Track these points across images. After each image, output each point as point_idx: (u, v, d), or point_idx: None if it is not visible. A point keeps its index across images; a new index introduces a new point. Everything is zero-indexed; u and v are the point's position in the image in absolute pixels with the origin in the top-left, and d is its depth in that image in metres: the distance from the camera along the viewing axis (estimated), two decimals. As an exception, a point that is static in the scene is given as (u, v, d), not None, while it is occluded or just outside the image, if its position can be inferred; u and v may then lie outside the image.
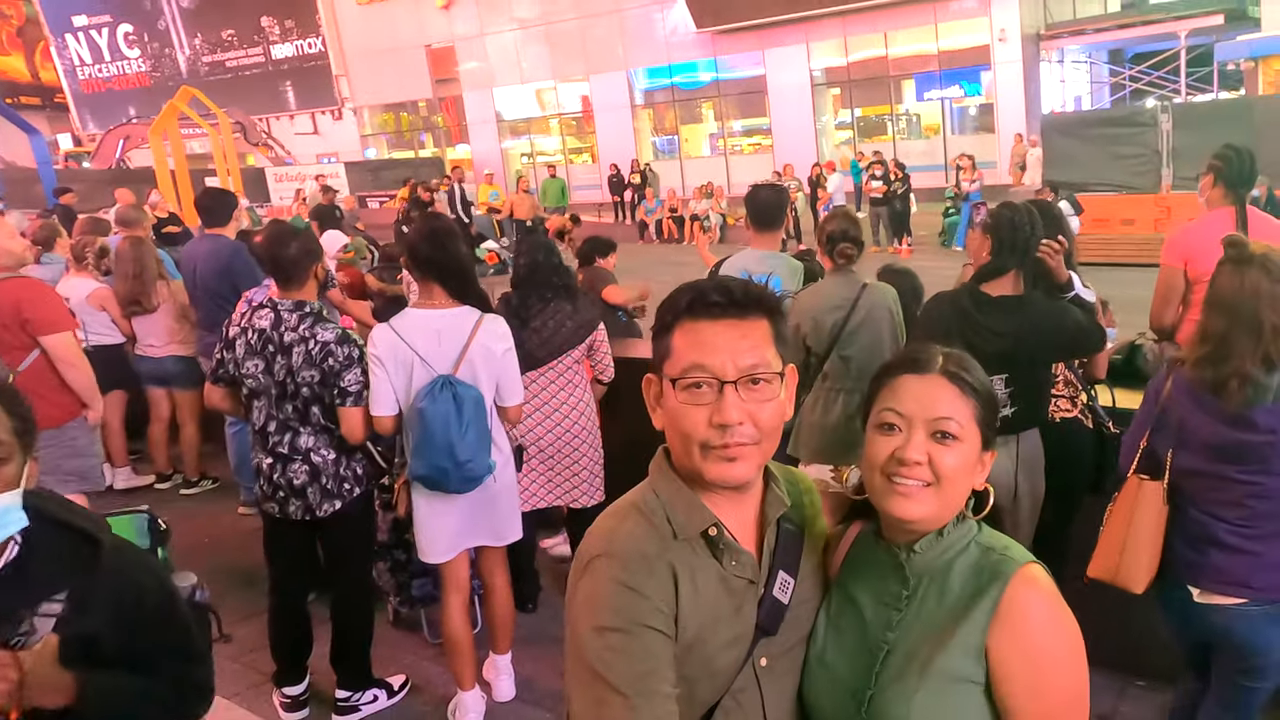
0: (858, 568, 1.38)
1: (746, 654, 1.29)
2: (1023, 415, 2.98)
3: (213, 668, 1.88)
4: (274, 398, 3.22)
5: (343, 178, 24.75)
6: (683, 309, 1.29)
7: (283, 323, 3.19)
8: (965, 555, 1.29)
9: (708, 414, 1.24)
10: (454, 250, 3.12)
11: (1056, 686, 1.22)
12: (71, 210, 12.90)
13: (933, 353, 1.33)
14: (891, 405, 1.29)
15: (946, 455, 1.26)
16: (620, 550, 1.25)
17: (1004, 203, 3.19)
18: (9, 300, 4.11)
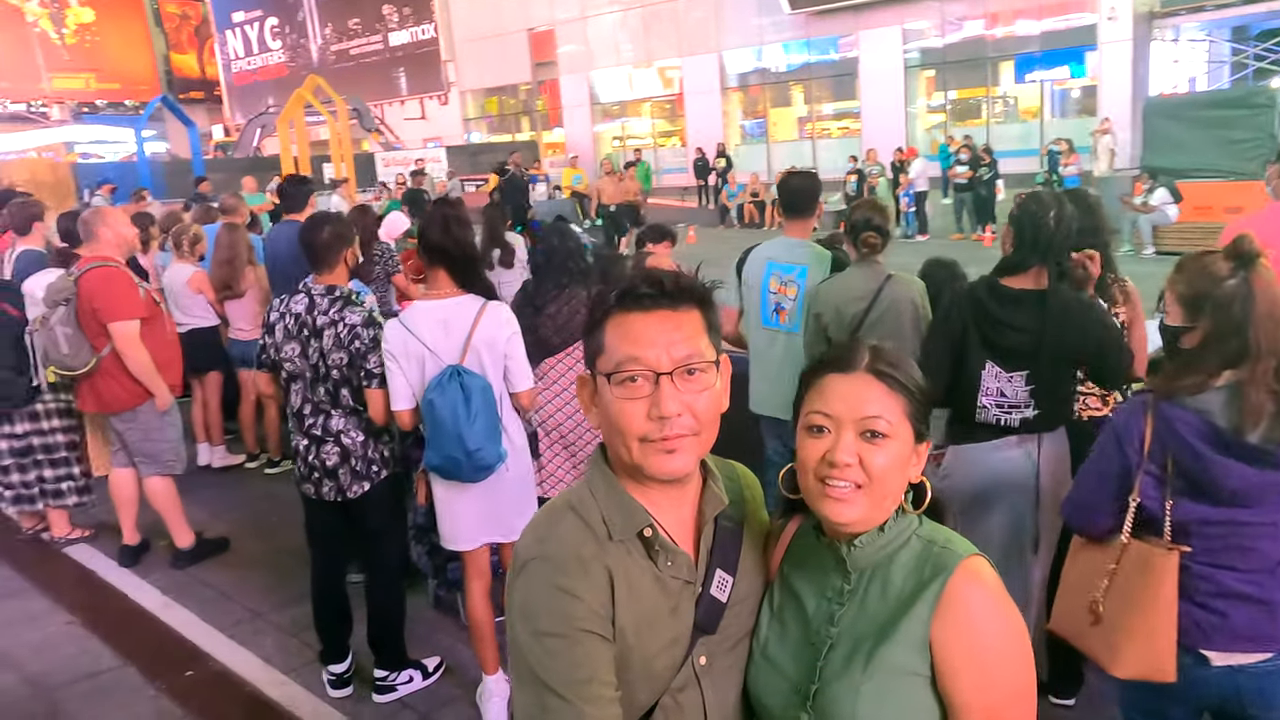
0: (800, 562, 1.37)
1: (685, 654, 1.29)
2: (1046, 416, 2.89)
3: None
4: (309, 381, 3.36)
5: (444, 162, 25.44)
6: (613, 303, 1.28)
7: (315, 307, 3.34)
8: (907, 549, 1.29)
9: (645, 407, 1.23)
10: (461, 237, 3.18)
11: (1001, 679, 1.22)
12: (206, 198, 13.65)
13: (858, 350, 1.30)
14: (819, 407, 1.27)
15: (877, 454, 1.24)
16: (555, 553, 1.25)
17: (1031, 193, 3.10)
18: (85, 289, 4.44)
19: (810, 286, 3.78)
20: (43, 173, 21.89)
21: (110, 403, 4.60)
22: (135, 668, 3.87)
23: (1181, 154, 13.59)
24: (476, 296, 3.22)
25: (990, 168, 15.75)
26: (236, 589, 4.51)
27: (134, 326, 4.51)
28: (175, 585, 4.60)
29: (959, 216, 16.25)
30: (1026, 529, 2.96)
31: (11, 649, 4.09)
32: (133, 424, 4.65)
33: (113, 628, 4.23)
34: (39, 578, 4.80)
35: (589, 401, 1.33)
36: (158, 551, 4.91)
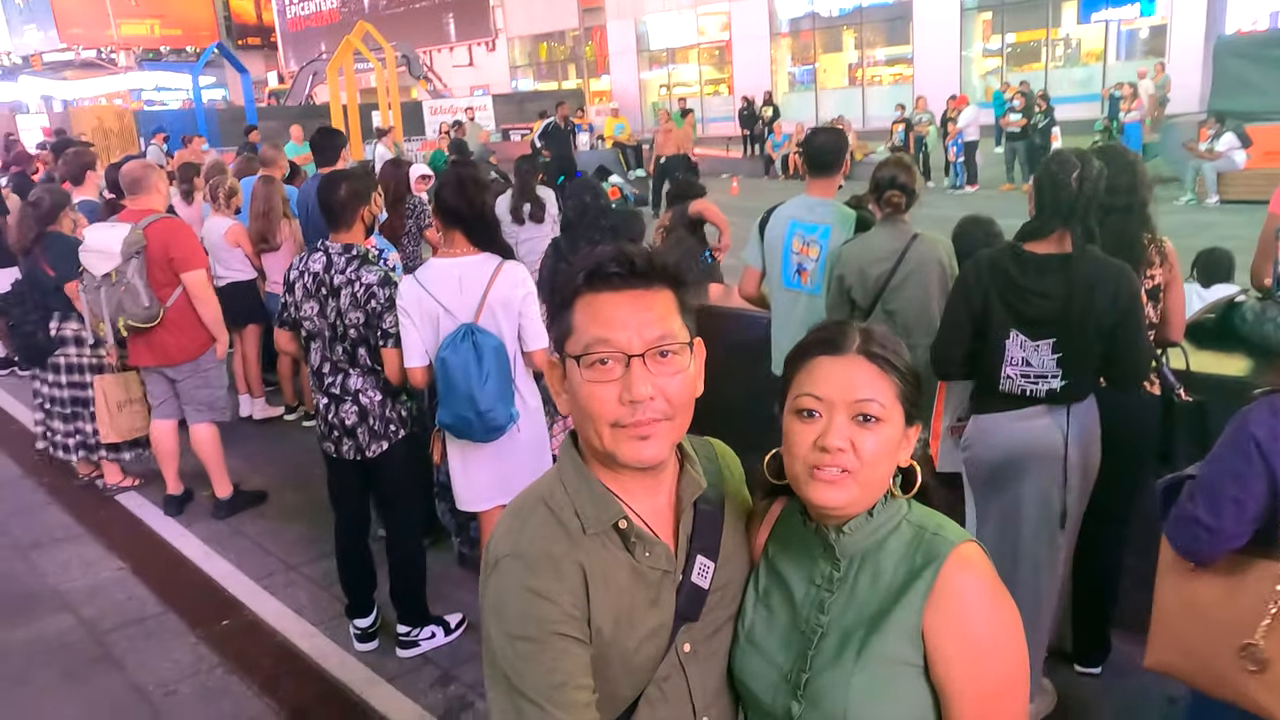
0: (786, 545, 1.35)
1: (668, 643, 1.27)
2: (1074, 386, 2.80)
3: None
4: (327, 340, 3.41)
5: (490, 110, 25.36)
6: (581, 282, 1.23)
7: (333, 266, 3.38)
8: (897, 535, 1.26)
9: (616, 391, 1.18)
10: (476, 199, 3.19)
11: (994, 667, 1.20)
12: (255, 148, 13.79)
13: (848, 331, 1.26)
14: (809, 390, 1.23)
15: (870, 438, 1.21)
16: (526, 550, 1.21)
17: (1054, 153, 2.99)
18: (158, 240, 4.55)
19: (833, 247, 3.72)
20: (109, 120, 22.20)
21: (173, 354, 4.72)
22: (177, 614, 4.04)
23: (1253, 96, 12.99)
24: (492, 255, 3.23)
25: (1046, 115, 15.23)
26: (272, 540, 4.66)
27: (204, 275, 4.69)
28: (215, 535, 4.76)
29: (1010, 166, 15.79)
30: (1054, 502, 2.89)
31: (69, 592, 4.29)
32: (193, 374, 4.80)
33: (158, 575, 4.40)
34: (93, 524, 5.01)
35: (558, 386, 1.28)
36: (200, 501, 5.08)
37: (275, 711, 3.34)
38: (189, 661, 3.69)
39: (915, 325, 3.46)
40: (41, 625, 4.02)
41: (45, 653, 3.82)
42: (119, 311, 4.56)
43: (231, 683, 3.52)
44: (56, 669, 3.71)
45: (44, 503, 5.32)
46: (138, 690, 3.52)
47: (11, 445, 6.23)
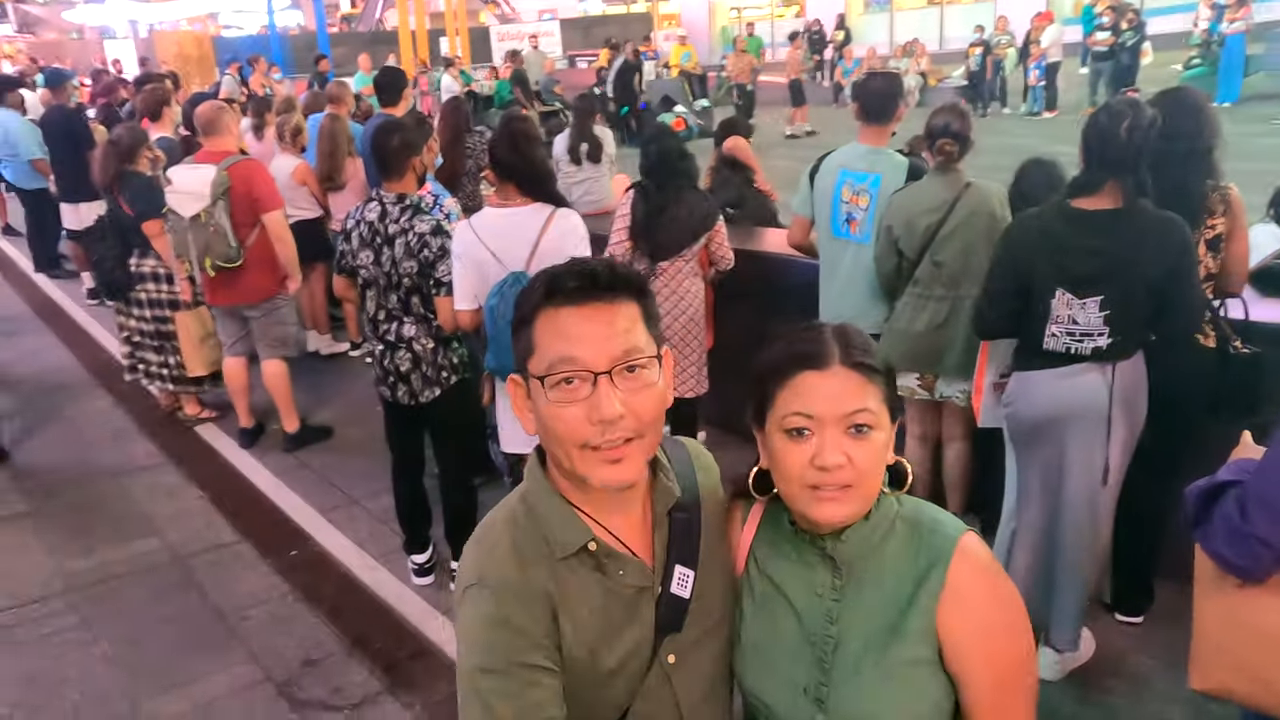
0: (777, 552, 1.33)
1: (650, 657, 1.24)
2: (1122, 344, 2.77)
3: None
4: (381, 288, 3.53)
5: (557, 36, 25.09)
6: (540, 298, 1.18)
7: (387, 215, 3.48)
8: (894, 535, 1.26)
9: (584, 411, 1.14)
10: (529, 153, 3.26)
11: (1007, 650, 1.24)
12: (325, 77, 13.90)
13: (826, 341, 1.22)
14: (798, 408, 1.20)
15: (864, 448, 1.19)
16: (492, 578, 1.19)
17: (1104, 104, 2.91)
18: (241, 181, 4.72)
19: (883, 196, 3.68)
20: (189, 46, 22.46)
21: (249, 293, 4.92)
22: (250, 544, 4.31)
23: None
24: (544, 205, 3.29)
25: (1136, 30, 14.34)
26: (336, 474, 4.89)
27: (282, 215, 4.87)
28: (284, 468, 5.02)
29: (1094, 89, 15.02)
30: (1096, 459, 2.89)
31: (154, 517, 4.59)
32: (267, 312, 5.01)
33: (233, 505, 4.67)
34: (174, 453, 5.31)
35: (522, 404, 1.24)
36: (271, 435, 5.33)
37: (339, 639, 3.56)
38: (261, 588, 3.95)
39: (963, 276, 3.44)
40: (131, 548, 4.32)
41: (135, 574, 4.12)
42: (206, 252, 4.74)
43: (299, 610, 3.77)
44: (146, 589, 4.00)
45: (132, 432, 5.65)
46: (216, 612, 3.80)
47: (102, 375, 6.58)
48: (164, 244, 5.10)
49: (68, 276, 8.78)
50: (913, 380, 3.64)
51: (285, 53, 22.27)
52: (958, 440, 3.72)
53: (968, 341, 3.39)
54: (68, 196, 7.90)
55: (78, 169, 7.64)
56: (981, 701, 1.23)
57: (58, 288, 8.56)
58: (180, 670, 3.44)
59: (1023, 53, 16.46)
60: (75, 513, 4.69)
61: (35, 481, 5.02)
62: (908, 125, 4.18)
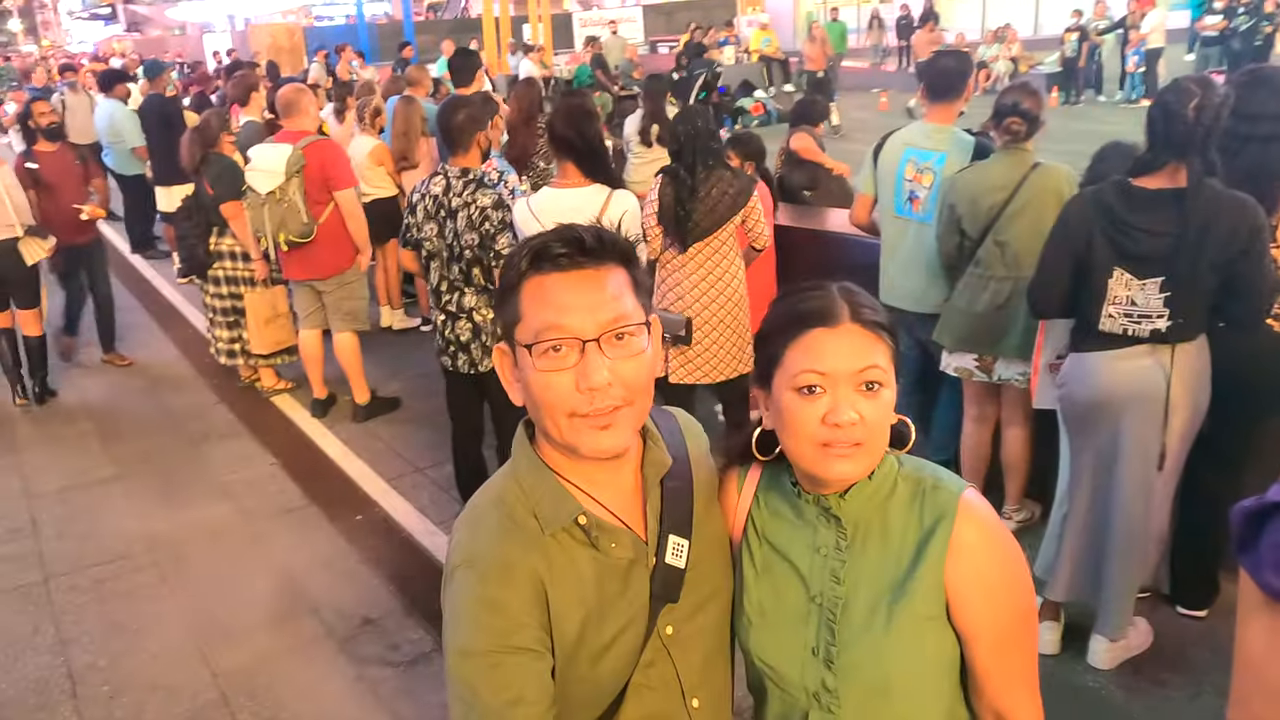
0: (777, 516, 1.33)
1: (646, 630, 1.22)
2: (1183, 326, 2.68)
3: None
4: (444, 260, 3.63)
5: (640, 22, 25.10)
6: (526, 266, 1.16)
7: (451, 189, 3.57)
8: (896, 493, 1.26)
9: (571, 379, 1.12)
10: (587, 130, 3.31)
11: (1010, 603, 1.24)
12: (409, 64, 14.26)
13: (835, 298, 1.21)
14: (809, 366, 1.18)
15: (874, 405, 1.19)
16: (480, 558, 1.18)
17: (1173, 82, 2.80)
18: (315, 160, 4.91)
19: (948, 175, 3.62)
20: (281, 38, 23.20)
21: (322, 268, 5.10)
22: (318, 508, 4.48)
23: None
24: (602, 186, 3.35)
25: (1251, 14, 13.55)
26: (403, 444, 5.04)
27: (354, 193, 5.04)
28: (353, 437, 5.19)
29: (1203, 76, 14.35)
30: (1151, 443, 2.81)
31: (231, 483, 4.80)
32: (339, 286, 5.19)
33: (304, 471, 4.86)
34: (251, 422, 5.54)
35: (509, 376, 1.22)
36: (342, 405, 5.51)
37: (397, 600, 3.69)
38: (327, 551, 4.10)
39: (1026, 257, 3.35)
40: (207, 510, 4.54)
41: (210, 534, 4.32)
42: (280, 227, 4.93)
43: (363, 572, 3.91)
44: (220, 549, 4.20)
45: (213, 402, 5.90)
46: (282, 571, 3.96)
47: (188, 348, 6.88)
48: (241, 224, 5.30)
49: (161, 257, 9.19)
50: (971, 361, 3.58)
51: (372, 41, 22.74)
52: (1016, 424, 3.64)
53: (1028, 323, 3.32)
54: (161, 180, 8.27)
55: (171, 154, 7.93)
56: (984, 656, 1.24)
57: (151, 268, 8.96)
58: (248, 624, 3.60)
59: (1122, 39, 15.85)
60: (159, 477, 4.93)
61: (125, 448, 5.28)
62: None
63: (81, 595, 3.89)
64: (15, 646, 3.58)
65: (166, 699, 3.24)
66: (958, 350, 3.60)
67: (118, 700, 3.26)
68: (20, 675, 3.42)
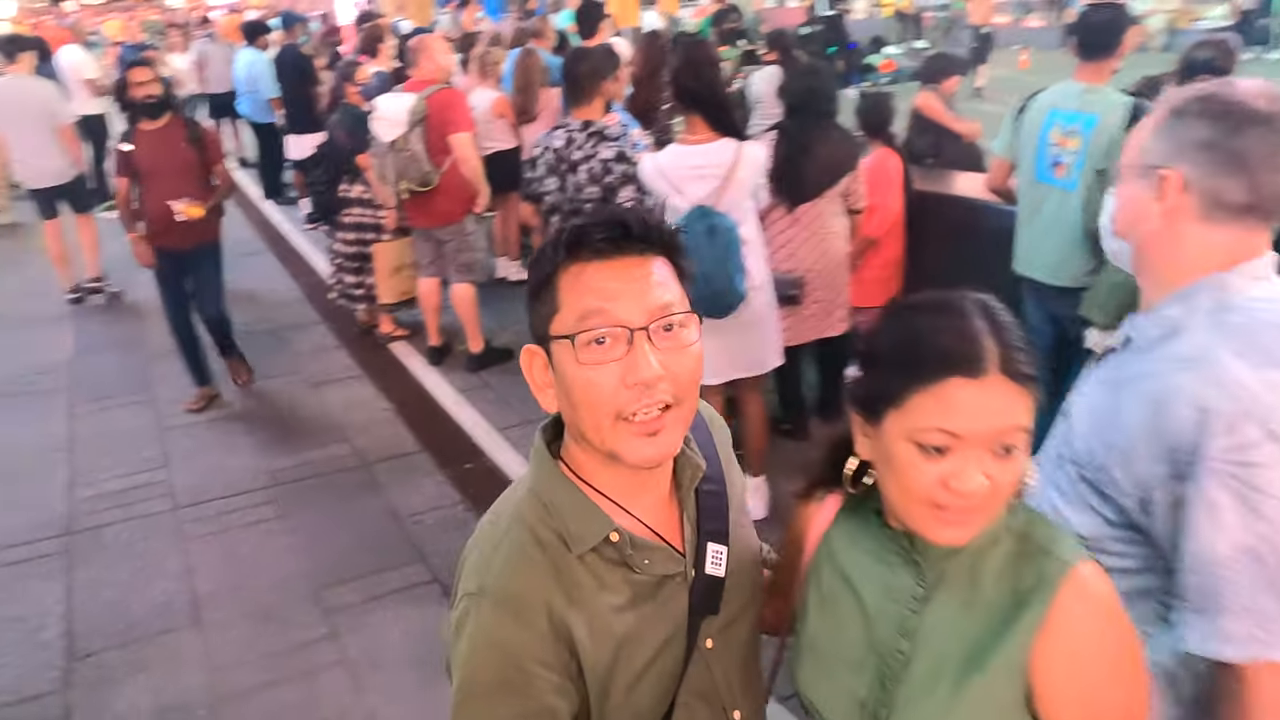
0: (853, 544, 1.18)
1: (688, 645, 1.13)
2: None
3: None
4: (564, 214, 3.59)
5: (769, -28, 24.42)
6: (563, 253, 1.05)
7: (572, 142, 3.52)
8: (997, 549, 1.08)
9: (618, 374, 1.01)
10: (711, 80, 3.20)
11: (1111, 702, 1.05)
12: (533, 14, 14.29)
13: (979, 342, 1.00)
14: (941, 423, 0.99)
15: (1008, 469, 1.01)
16: (496, 588, 1.07)
17: None
18: (437, 109, 4.95)
19: (1098, 138, 3.35)
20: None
21: (441, 217, 5.16)
22: (429, 454, 4.55)
23: None
24: (730, 140, 3.24)
25: None
26: (514, 395, 5.06)
27: (470, 137, 5.06)
28: (466, 385, 5.25)
29: None
30: None
31: (347, 425, 4.94)
32: (456, 236, 5.24)
33: (417, 417, 4.95)
34: (369, 367, 5.67)
35: (541, 379, 1.10)
36: (457, 355, 5.58)
37: (501, 550, 3.71)
38: (435, 496, 4.17)
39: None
40: (326, 451, 4.67)
41: (327, 474, 4.45)
42: (401, 176, 5.00)
43: (468, 518, 3.95)
44: (334, 489, 4.32)
45: (333, 346, 6.07)
46: (392, 514, 4.05)
47: (312, 293, 7.09)
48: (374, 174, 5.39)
49: (289, 203, 9.49)
50: (1122, 338, 3.33)
51: (500, -7, 22.85)
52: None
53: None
54: (293, 128, 8.51)
55: (302, 103, 8.21)
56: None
57: (280, 213, 9.27)
58: (357, 564, 3.70)
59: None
60: (280, 417, 5.10)
61: (248, 388, 5.49)
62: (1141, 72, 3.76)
63: (205, 526, 4.07)
64: (146, 571, 3.77)
65: (279, 631, 3.35)
66: (1110, 327, 3.34)
67: (233, 629, 3.40)
68: (148, 598, 3.60)
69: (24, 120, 6.58)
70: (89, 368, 5.90)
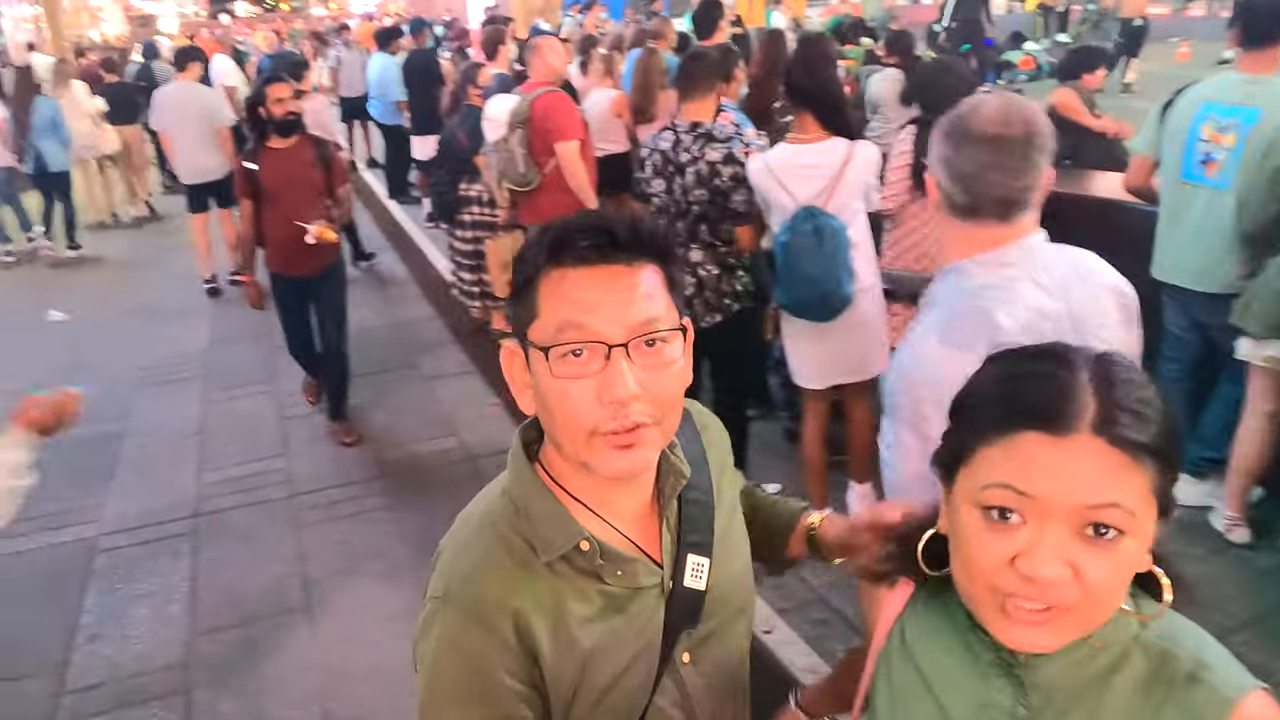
0: (933, 637, 0.99)
1: (661, 659, 1.08)
2: None
3: None
4: (671, 215, 3.53)
5: (899, -29, 23.79)
6: (545, 257, 1.00)
7: (680, 144, 3.46)
8: (1126, 668, 0.88)
9: (593, 389, 0.96)
10: (825, 78, 3.11)
11: None
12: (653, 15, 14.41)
13: (1077, 388, 0.81)
14: (1007, 480, 0.81)
15: (1102, 562, 0.80)
16: (461, 593, 1.04)
17: None
18: (539, 111, 4.98)
19: (1258, 133, 3.07)
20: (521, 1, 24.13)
21: (543, 216, 5.12)
22: (535, 451, 4.57)
23: None
24: (840, 140, 3.15)
25: None
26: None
27: (575, 146, 5.03)
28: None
29: None
30: None
31: (456, 420, 5.03)
32: None
33: (523, 414, 4.97)
34: (481, 363, 5.76)
35: (517, 381, 1.06)
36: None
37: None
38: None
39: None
40: (434, 445, 4.76)
41: (435, 466, 4.54)
42: (503, 175, 5.06)
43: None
44: (442, 481, 4.40)
45: (448, 341, 6.20)
46: (497, 511, 4.08)
47: (429, 289, 7.27)
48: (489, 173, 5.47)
49: (412, 202, 9.77)
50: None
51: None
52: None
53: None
54: (418, 129, 8.75)
55: (429, 105, 8.44)
56: None
57: (403, 212, 9.55)
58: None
59: None
60: (394, 409, 5.23)
61: (365, 380, 5.62)
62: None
63: (318, 513, 4.20)
64: (262, 554, 3.91)
65: (389, 620, 3.40)
66: (1269, 338, 3.06)
67: (341, 616, 3.48)
68: (262, 580, 3.73)
69: (187, 122, 7.23)
70: (221, 357, 6.20)
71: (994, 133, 1.52)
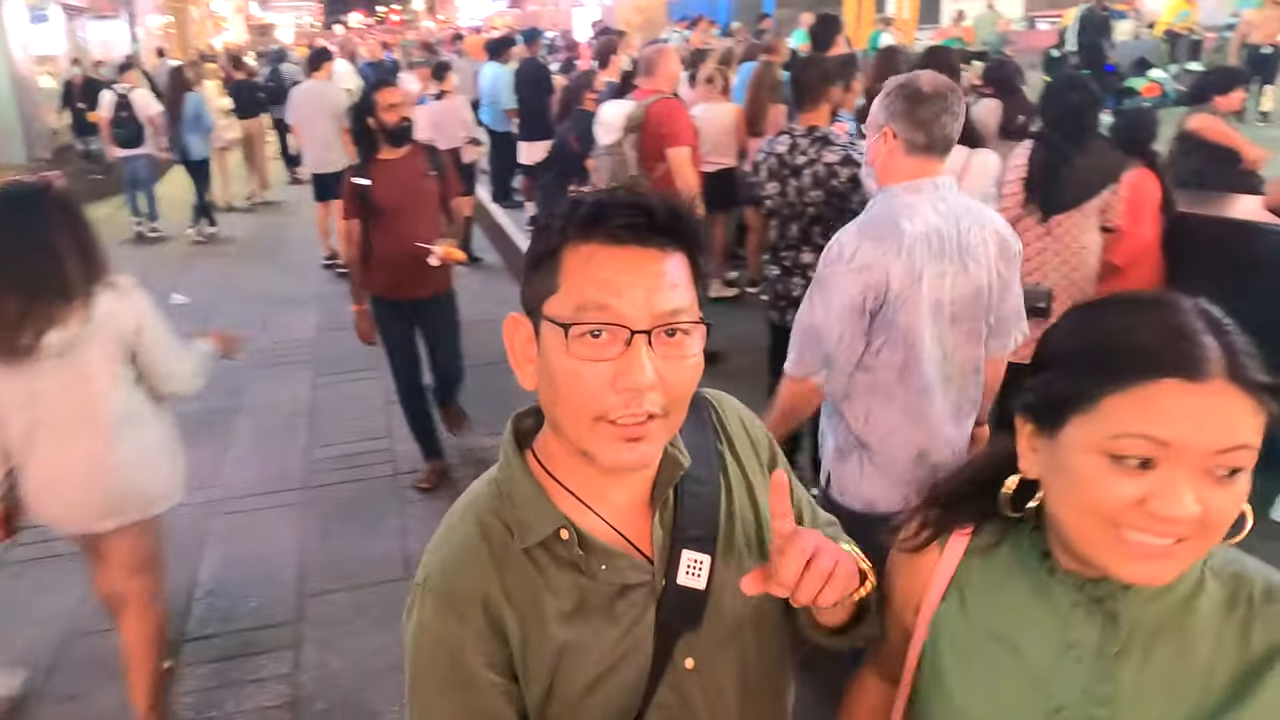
0: (997, 588, 1.00)
1: (656, 663, 1.03)
2: None
3: None
4: (784, 218, 3.57)
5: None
6: (576, 227, 0.95)
7: (796, 147, 3.50)
8: (1204, 593, 0.92)
9: (609, 374, 0.92)
10: None
11: None
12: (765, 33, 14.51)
13: (1201, 341, 0.83)
14: (1148, 431, 0.82)
15: (1227, 497, 0.83)
16: (437, 580, 1.02)
17: None
18: (654, 117, 5.08)
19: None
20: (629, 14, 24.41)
21: None
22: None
23: None
24: (960, 147, 3.12)
25: None
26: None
27: (687, 153, 5.10)
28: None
29: None
30: None
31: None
32: None
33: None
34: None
35: (520, 354, 1.01)
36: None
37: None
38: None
39: None
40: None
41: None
42: (613, 178, 5.15)
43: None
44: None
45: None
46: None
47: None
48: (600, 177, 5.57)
49: (515, 207, 9.99)
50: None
51: (730, 13, 23.03)
52: None
53: None
54: (526, 135, 8.97)
55: (538, 111, 8.65)
56: None
57: (505, 215, 9.76)
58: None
59: None
60: (477, 399, 5.31)
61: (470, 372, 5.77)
62: None
63: (418, 493, 4.34)
64: (367, 527, 4.07)
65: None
66: None
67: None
68: (370, 551, 3.88)
69: (318, 118, 8.04)
70: (330, 343, 6.43)
71: (940, 90, 2.09)
